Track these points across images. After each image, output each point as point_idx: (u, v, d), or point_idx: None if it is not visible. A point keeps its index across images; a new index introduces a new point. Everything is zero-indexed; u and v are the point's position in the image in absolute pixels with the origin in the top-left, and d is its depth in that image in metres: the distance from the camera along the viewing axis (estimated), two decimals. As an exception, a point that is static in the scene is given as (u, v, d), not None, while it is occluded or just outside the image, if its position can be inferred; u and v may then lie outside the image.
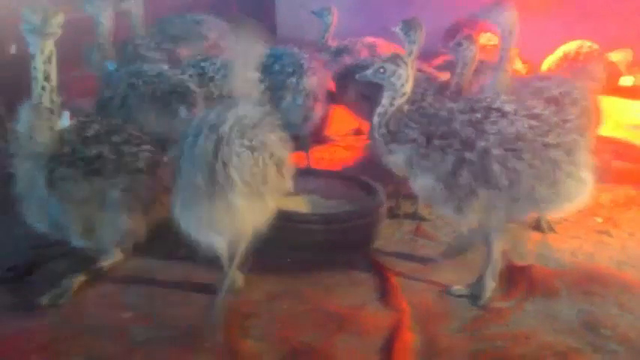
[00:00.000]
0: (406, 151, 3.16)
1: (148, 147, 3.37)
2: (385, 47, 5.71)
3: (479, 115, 3.03)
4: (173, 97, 3.82)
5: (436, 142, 3.05)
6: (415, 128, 3.15)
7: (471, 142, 2.98)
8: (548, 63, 6.18)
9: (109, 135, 3.25)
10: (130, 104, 3.81)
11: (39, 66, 2.99)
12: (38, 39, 2.97)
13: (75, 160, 3.11)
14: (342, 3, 9.12)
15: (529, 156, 2.92)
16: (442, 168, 3.02)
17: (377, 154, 3.37)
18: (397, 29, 4.27)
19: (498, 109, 3.03)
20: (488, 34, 6.28)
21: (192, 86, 3.94)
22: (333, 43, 5.94)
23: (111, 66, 4.78)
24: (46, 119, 3.05)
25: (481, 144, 2.96)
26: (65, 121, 3.12)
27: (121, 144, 3.25)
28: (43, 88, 3.02)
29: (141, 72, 3.94)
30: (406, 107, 3.34)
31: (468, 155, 2.97)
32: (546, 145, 2.94)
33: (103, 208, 3.17)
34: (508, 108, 3.04)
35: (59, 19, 2.98)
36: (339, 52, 5.82)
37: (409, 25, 4.23)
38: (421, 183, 3.12)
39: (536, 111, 3.05)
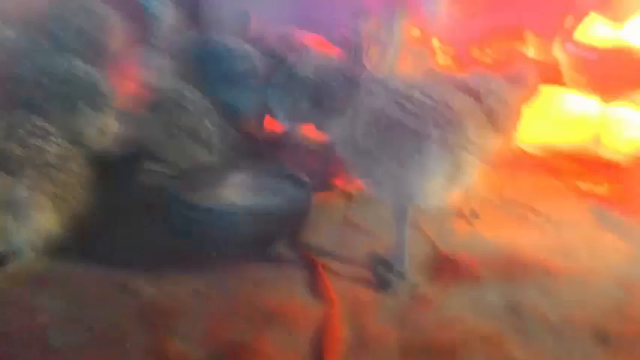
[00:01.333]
0: None
1: (57, 140, 3.19)
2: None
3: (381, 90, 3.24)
4: (80, 99, 3.62)
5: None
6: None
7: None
8: None
9: (14, 128, 3.05)
10: (35, 104, 3.57)
11: None
12: None
13: None
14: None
15: (377, 133, 3.09)
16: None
17: None
18: None
19: (393, 89, 3.20)
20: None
21: (103, 88, 3.74)
22: None
23: None
24: None
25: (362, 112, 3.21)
26: None
27: (27, 137, 3.06)
28: None
29: (49, 69, 3.69)
30: None
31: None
32: (406, 129, 3.04)
33: (9, 206, 2.97)
34: (395, 87, 3.20)
35: None
36: None
37: None
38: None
39: (414, 93, 3.12)
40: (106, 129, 3.79)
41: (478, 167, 3.19)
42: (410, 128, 3.05)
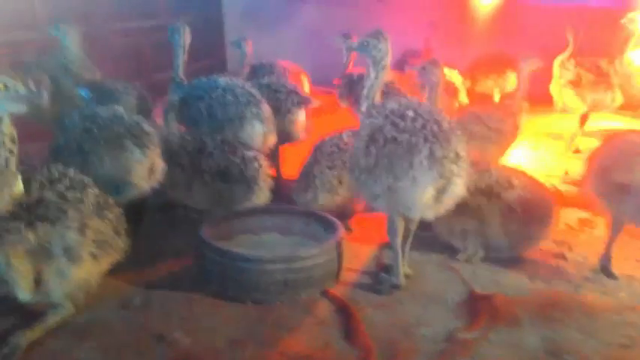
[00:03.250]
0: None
1: (93, 191, 3.26)
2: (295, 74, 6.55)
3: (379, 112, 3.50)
4: (127, 139, 3.75)
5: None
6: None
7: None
8: None
9: (53, 184, 3.13)
10: (85, 149, 3.71)
11: (7, 130, 2.85)
12: (22, 107, 2.85)
13: (18, 211, 2.96)
14: (290, 34, 9.29)
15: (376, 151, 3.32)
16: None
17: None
18: (356, 45, 3.84)
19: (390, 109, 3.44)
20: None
21: (147, 127, 3.87)
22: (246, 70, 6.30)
23: (85, 93, 4.62)
24: (9, 185, 2.91)
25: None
26: (21, 185, 2.98)
27: (65, 190, 3.13)
28: (11, 151, 2.88)
29: (95, 115, 3.83)
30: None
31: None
32: (399, 145, 3.26)
33: (50, 258, 3.02)
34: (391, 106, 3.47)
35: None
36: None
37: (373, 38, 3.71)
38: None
39: (409, 113, 3.35)
40: (155, 167, 3.87)
41: (465, 179, 3.37)
42: (403, 144, 3.27)
